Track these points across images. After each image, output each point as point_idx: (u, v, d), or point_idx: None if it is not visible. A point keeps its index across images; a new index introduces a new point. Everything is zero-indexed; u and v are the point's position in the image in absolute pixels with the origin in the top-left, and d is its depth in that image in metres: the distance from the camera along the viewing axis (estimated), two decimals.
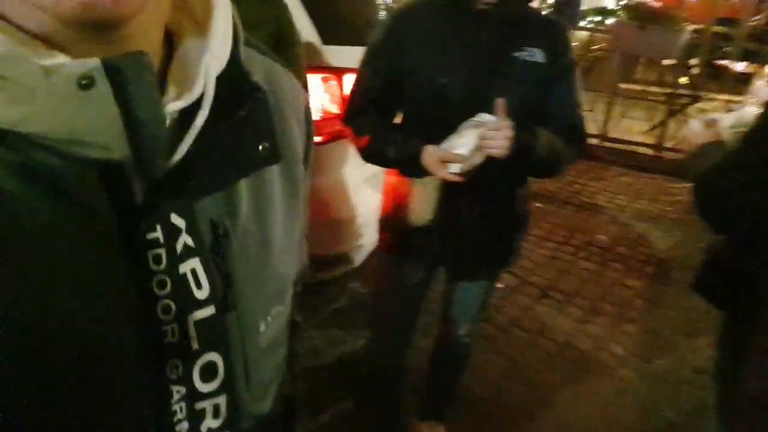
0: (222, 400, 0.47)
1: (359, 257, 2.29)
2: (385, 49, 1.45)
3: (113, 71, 0.35)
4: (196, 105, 0.40)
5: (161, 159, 0.39)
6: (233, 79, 0.43)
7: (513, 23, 1.38)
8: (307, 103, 0.59)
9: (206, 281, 0.44)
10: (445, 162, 1.34)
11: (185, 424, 0.45)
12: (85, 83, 0.34)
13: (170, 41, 0.43)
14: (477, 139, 1.30)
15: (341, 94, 1.95)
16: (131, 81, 0.36)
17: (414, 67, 1.40)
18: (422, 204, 1.51)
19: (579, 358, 2.50)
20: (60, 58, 0.34)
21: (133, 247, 0.39)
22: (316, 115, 1.94)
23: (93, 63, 0.34)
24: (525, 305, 2.88)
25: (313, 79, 1.90)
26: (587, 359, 2.50)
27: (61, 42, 0.35)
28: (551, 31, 1.42)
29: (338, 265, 2.19)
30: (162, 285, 0.41)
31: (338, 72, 1.94)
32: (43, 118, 0.34)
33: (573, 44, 1.50)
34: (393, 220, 1.61)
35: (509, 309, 2.81)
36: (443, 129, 1.36)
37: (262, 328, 0.50)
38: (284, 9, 1.60)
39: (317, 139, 1.97)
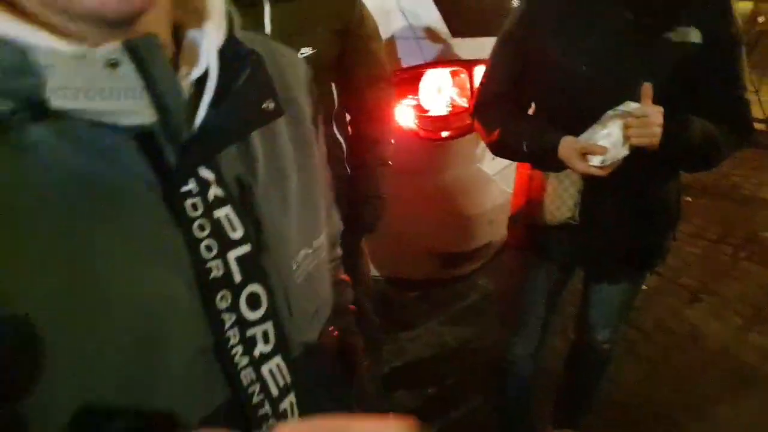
0: (269, 327, 0.54)
1: (488, 254, 2.24)
2: (518, 38, 1.38)
3: (133, 50, 0.42)
4: (205, 77, 0.48)
5: (185, 124, 0.46)
6: (233, 52, 0.51)
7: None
8: (310, 73, 0.68)
9: (239, 224, 0.51)
10: (585, 154, 1.25)
11: (239, 348, 0.52)
12: (113, 63, 0.42)
13: (177, 36, 0.50)
14: (622, 129, 1.20)
15: (471, 87, 1.90)
16: (148, 58, 0.43)
17: (551, 55, 1.32)
18: (559, 200, 1.43)
19: (737, 369, 2.24)
20: (85, 47, 0.41)
21: (173, 199, 0.47)
22: (444, 110, 1.92)
23: (116, 45, 0.42)
24: (672, 308, 2.63)
25: (442, 73, 1.88)
26: (748, 371, 2.23)
27: (82, 37, 0.42)
28: (710, 4, 1.26)
29: (467, 262, 2.15)
30: (201, 228, 0.49)
31: (468, 64, 1.90)
32: (81, 94, 0.41)
33: None
34: (525, 218, 1.54)
35: (654, 311, 2.59)
36: (582, 119, 1.27)
37: (294, 266, 0.58)
38: (351, 4, 1.52)
39: (444, 134, 1.96)
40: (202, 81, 0.49)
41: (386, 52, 1.84)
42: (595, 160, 1.23)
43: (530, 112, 1.51)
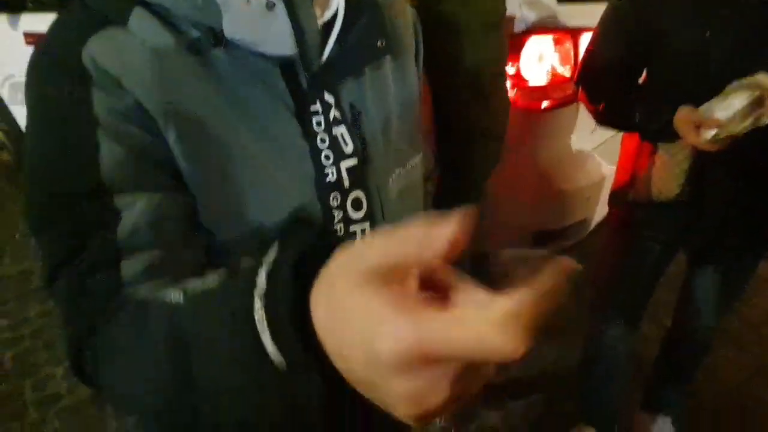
0: (366, 226, 0.66)
1: (583, 232, 2.16)
2: (631, 7, 1.31)
3: None
4: (333, 18, 0.61)
5: (316, 57, 0.59)
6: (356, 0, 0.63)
7: None
8: (416, 17, 0.77)
9: (350, 141, 0.63)
10: (701, 127, 1.17)
11: (343, 240, 0.59)
12: (270, 4, 0.54)
13: None
14: (746, 103, 1.11)
15: (575, 56, 1.82)
16: (298, 4, 0.56)
17: (668, 24, 1.24)
18: (667, 175, 1.35)
19: None
20: None
21: (303, 116, 0.59)
22: (545, 79, 1.86)
23: None
24: None
25: (545, 41, 1.81)
26: None
27: None
28: None
29: (562, 239, 2.09)
30: (323, 141, 0.61)
31: (573, 32, 1.81)
32: (246, 28, 0.53)
33: None
34: (629, 193, 1.47)
35: (764, 303, 2.41)
36: (701, 91, 1.19)
37: (390, 181, 0.69)
38: None
39: (544, 104, 1.89)
40: (329, 21, 0.60)
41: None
42: (708, 134, 1.15)
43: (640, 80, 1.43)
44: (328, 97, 0.61)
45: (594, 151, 2.11)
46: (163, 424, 0.48)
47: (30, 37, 3.07)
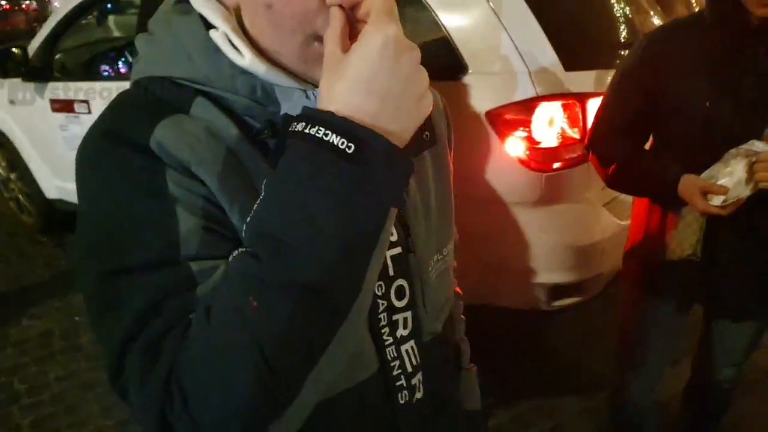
0: (408, 315, 0.67)
1: (596, 287, 2.20)
2: (638, 74, 1.39)
3: None
4: None
5: None
6: None
7: None
8: (444, 103, 0.81)
9: (395, 231, 0.65)
10: (706, 193, 1.24)
11: (387, 329, 0.65)
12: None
13: None
14: (745, 168, 1.18)
15: (583, 119, 1.91)
16: None
17: (674, 91, 1.32)
18: (680, 236, 1.40)
19: None
20: (307, 86, 0.59)
21: None
22: (556, 142, 1.94)
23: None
24: None
25: (554, 106, 1.91)
26: None
27: (303, 75, 0.59)
28: None
29: (578, 293, 2.13)
30: None
31: (580, 97, 1.91)
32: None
33: None
34: (644, 252, 1.52)
35: None
36: (704, 157, 1.26)
37: (430, 268, 0.71)
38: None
39: (556, 165, 1.97)
40: None
41: (501, 86, 1.90)
42: (716, 200, 1.22)
43: (647, 145, 1.50)
44: None
45: (605, 207, 2.18)
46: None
47: (56, 104, 3.21)
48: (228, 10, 0.59)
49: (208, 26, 0.59)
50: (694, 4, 2.93)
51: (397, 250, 0.65)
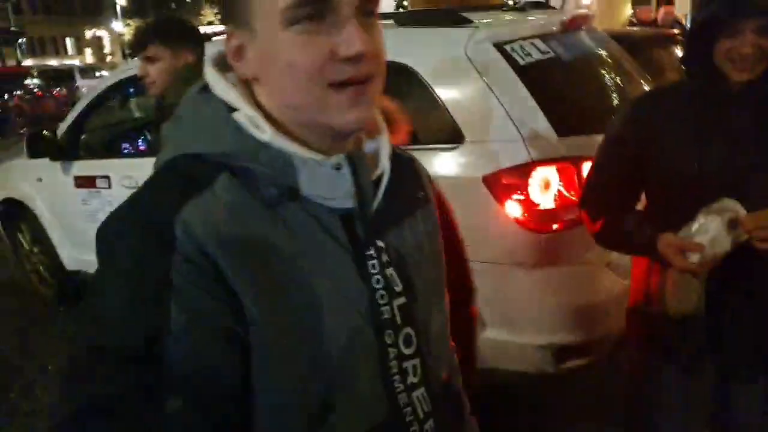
0: (417, 363, 0.71)
1: (602, 349, 2.19)
2: (626, 138, 1.43)
3: (351, 160, 0.66)
4: (380, 176, 0.71)
5: (370, 209, 0.68)
6: (397, 157, 0.75)
7: None
8: (427, 171, 0.87)
9: (399, 281, 0.71)
10: (685, 251, 1.26)
11: (398, 377, 0.69)
12: (338, 167, 0.65)
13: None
14: (721, 227, 1.22)
15: (579, 181, 1.98)
16: (359, 165, 0.67)
17: (660, 155, 1.36)
18: (681, 292, 1.35)
19: None
20: (321, 155, 0.65)
21: (360, 260, 0.68)
22: (552, 203, 2.00)
23: (341, 157, 0.66)
24: None
25: (549, 170, 1.98)
26: None
27: (313, 144, 0.66)
28: None
29: (584, 355, 2.11)
30: (378, 282, 0.69)
31: (575, 161, 1.99)
32: (319, 185, 0.65)
33: None
34: (644, 311, 1.49)
35: None
36: (688, 216, 1.28)
37: (432, 318, 0.75)
38: None
39: (554, 226, 2.02)
40: (377, 178, 0.71)
41: (496, 154, 1.99)
42: (694, 257, 1.24)
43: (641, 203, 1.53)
44: (380, 243, 0.70)
45: (607, 266, 2.19)
46: None
47: (79, 180, 3.37)
48: (243, 84, 0.67)
49: (231, 108, 0.66)
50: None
51: (402, 299, 0.70)
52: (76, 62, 34.26)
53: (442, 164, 2.09)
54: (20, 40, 38.07)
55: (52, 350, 3.48)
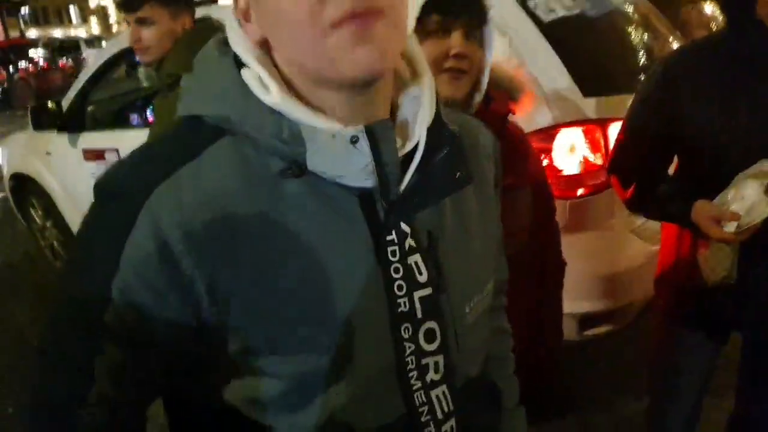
0: (440, 359, 0.64)
1: (626, 316, 2.14)
2: (656, 99, 1.37)
3: (370, 132, 0.56)
4: (414, 149, 0.60)
5: (395, 188, 0.59)
6: (438, 131, 0.63)
7: None
8: (497, 144, 0.78)
9: (425, 270, 0.62)
10: (721, 221, 1.20)
11: (415, 373, 0.63)
12: (354, 140, 0.56)
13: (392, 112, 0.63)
14: (758, 193, 1.14)
15: (605, 144, 1.90)
16: (380, 138, 0.57)
17: (689, 118, 1.30)
18: (713, 259, 1.35)
19: None
20: (337, 126, 0.56)
21: (378, 245, 0.59)
22: (578, 168, 1.93)
23: (359, 128, 0.56)
24: None
25: (575, 132, 1.90)
26: None
27: (331, 110, 0.57)
28: None
29: (609, 323, 2.07)
30: (396, 270, 0.60)
31: (601, 123, 1.90)
32: (328, 161, 0.56)
33: None
34: (675, 277, 1.47)
35: None
36: (721, 183, 1.23)
37: (467, 309, 0.67)
38: None
39: (579, 191, 1.95)
40: (410, 151, 0.61)
41: (520, 115, 1.90)
42: (730, 226, 1.18)
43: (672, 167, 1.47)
44: (404, 227, 0.61)
45: (633, 233, 2.13)
46: None
47: (88, 153, 3.32)
48: (260, 49, 0.59)
49: (243, 65, 0.59)
50: (714, 28, 2.92)
51: (427, 290, 0.62)
52: (81, 32, 33.96)
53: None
54: (23, 10, 37.72)
55: None
